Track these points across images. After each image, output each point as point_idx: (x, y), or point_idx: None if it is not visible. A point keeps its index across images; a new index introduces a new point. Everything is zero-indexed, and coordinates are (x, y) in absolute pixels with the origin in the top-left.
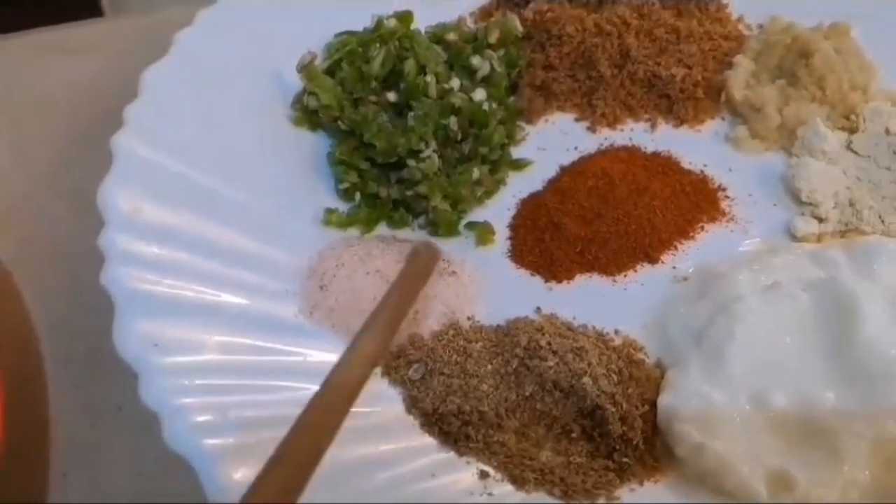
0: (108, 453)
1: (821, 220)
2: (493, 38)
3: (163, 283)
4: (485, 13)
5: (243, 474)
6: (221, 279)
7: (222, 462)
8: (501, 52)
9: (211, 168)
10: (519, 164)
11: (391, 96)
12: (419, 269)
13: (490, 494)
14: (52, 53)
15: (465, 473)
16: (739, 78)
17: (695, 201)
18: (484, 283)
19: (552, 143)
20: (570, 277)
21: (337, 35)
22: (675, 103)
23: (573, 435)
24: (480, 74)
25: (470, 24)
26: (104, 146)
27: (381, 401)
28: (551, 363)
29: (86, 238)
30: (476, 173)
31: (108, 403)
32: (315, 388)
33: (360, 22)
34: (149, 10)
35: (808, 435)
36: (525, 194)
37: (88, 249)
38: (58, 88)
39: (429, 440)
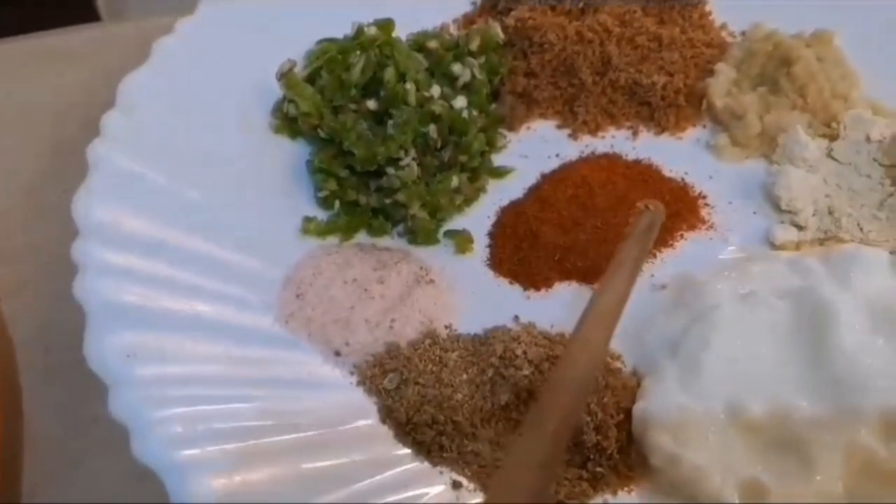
0: (83, 465)
1: (800, 228)
2: (474, 45)
3: (136, 293)
4: (467, 21)
5: (214, 487)
6: (196, 288)
7: (192, 476)
8: (482, 59)
9: (188, 176)
10: (499, 172)
11: (371, 104)
12: (651, 224)
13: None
14: (41, 60)
15: (438, 484)
16: (720, 85)
17: (675, 209)
18: (462, 292)
19: (533, 150)
20: (548, 286)
21: (317, 42)
22: (656, 111)
23: None
24: (461, 82)
25: (453, 31)
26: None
27: (355, 411)
28: (526, 372)
29: (63, 247)
30: (455, 181)
31: (83, 415)
32: (290, 397)
33: (341, 30)
34: (145, 15)
35: (781, 444)
36: (506, 202)
37: (66, 258)
38: (46, 96)
39: (403, 450)
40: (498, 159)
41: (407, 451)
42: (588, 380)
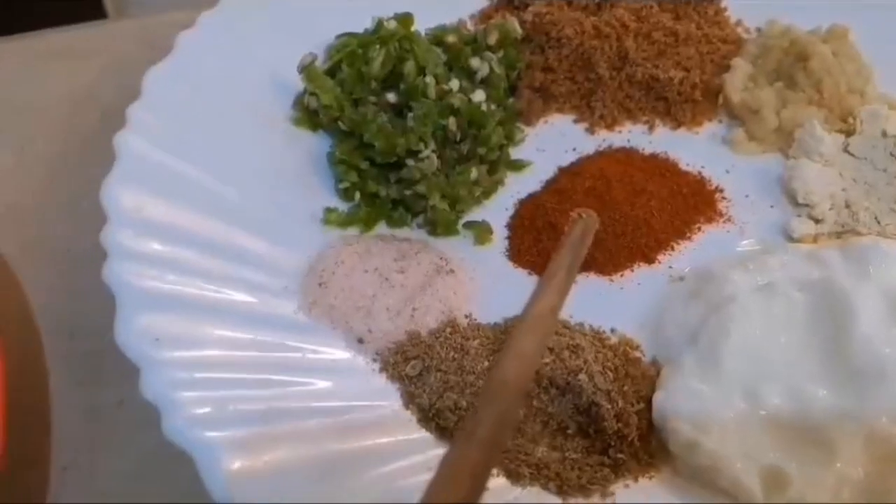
0: (107, 448)
1: (817, 222)
2: (493, 40)
3: (164, 279)
4: (484, 16)
5: (241, 466)
6: (222, 276)
7: (221, 454)
8: (500, 53)
9: (212, 166)
10: (517, 165)
11: (391, 97)
12: (584, 232)
13: (485, 489)
14: (55, 56)
15: None
16: (737, 81)
17: (692, 202)
18: (482, 282)
19: (551, 144)
20: None
21: (337, 36)
22: (672, 105)
23: (569, 431)
24: (480, 76)
25: (470, 26)
26: (106, 147)
27: (379, 396)
28: (547, 360)
29: (86, 236)
30: (474, 173)
31: (108, 399)
32: (314, 382)
33: (360, 23)
34: (151, 12)
35: (801, 432)
36: (523, 195)
37: (89, 248)
38: (60, 90)
39: (426, 435)
40: (515, 153)
41: (430, 435)
42: (521, 387)
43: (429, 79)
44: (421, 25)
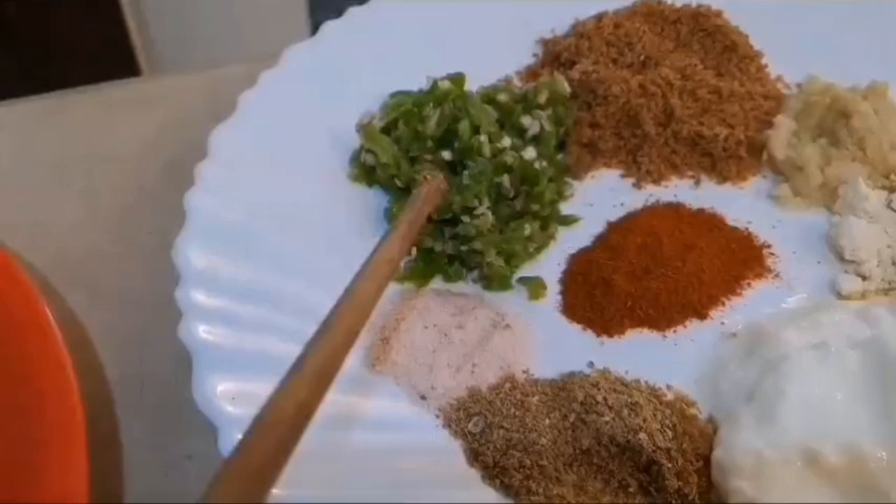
0: (180, 501)
1: (864, 278)
2: (543, 98)
3: (238, 337)
4: (530, 73)
5: None
6: (292, 333)
7: None
8: (549, 111)
9: (276, 223)
10: (568, 220)
11: (446, 155)
12: (428, 193)
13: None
14: (118, 108)
15: None
16: (781, 137)
17: (741, 258)
18: (536, 337)
19: (599, 198)
20: (621, 332)
21: (391, 95)
22: (718, 161)
23: (630, 489)
24: (531, 133)
25: (516, 81)
26: (170, 199)
27: (444, 453)
28: (608, 418)
29: (153, 289)
30: (528, 229)
31: (178, 453)
32: (383, 439)
33: (414, 81)
34: (184, 69)
35: (860, 491)
36: (574, 249)
37: (156, 300)
38: (124, 142)
39: (491, 492)
40: (565, 207)
41: (494, 493)
42: (353, 330)
43: (483, 138)
44: (468, 81)
